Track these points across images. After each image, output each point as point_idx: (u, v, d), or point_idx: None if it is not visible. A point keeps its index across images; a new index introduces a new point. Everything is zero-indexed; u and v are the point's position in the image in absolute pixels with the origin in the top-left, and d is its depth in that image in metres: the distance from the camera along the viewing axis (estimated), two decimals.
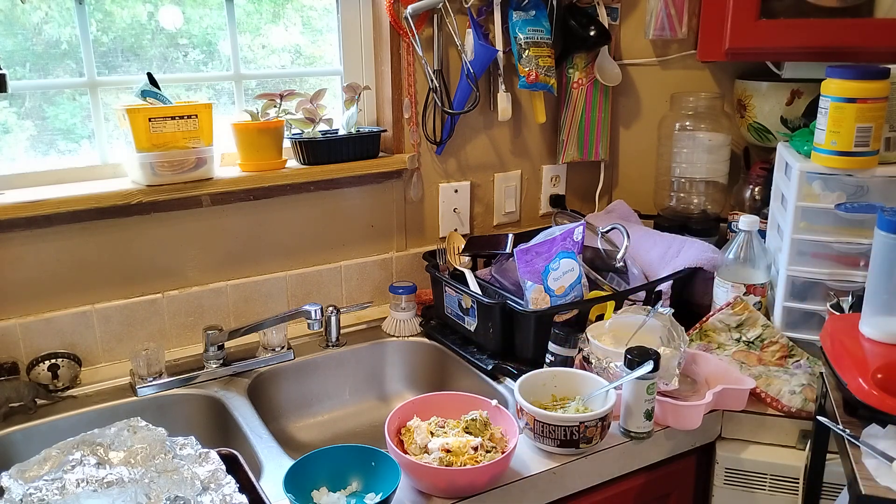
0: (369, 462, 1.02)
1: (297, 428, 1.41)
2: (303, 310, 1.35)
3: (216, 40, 1.44)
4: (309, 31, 1.54)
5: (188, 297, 1.42)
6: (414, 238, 1.66)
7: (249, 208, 1.45)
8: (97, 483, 0.85)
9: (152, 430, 0.94)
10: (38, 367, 1.26)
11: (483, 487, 1.00)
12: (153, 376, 1.29)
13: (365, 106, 1.58)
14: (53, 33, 1.29)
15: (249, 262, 1.48)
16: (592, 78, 1.73)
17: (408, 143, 1.58)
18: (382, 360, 1.51)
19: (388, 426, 1.06)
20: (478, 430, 1.06)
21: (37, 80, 1.29)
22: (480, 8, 1.57)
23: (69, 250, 1.30)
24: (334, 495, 0.99)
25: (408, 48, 1.52)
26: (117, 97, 1.37)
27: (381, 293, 1.61)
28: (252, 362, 1.38)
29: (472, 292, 1.40)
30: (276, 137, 1.42)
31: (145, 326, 1.39)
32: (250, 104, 1.47)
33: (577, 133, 1.75)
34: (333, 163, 1.47)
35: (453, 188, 1.66)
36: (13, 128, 1.31)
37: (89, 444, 0.91)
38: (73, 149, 1.36)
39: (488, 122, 1.67)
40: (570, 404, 1.13)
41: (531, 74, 1.57)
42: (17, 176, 1.30)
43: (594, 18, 1.66)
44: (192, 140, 1.30)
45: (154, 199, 1.31)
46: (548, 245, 1.35)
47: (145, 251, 1.37)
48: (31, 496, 0.82)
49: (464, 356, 1.40)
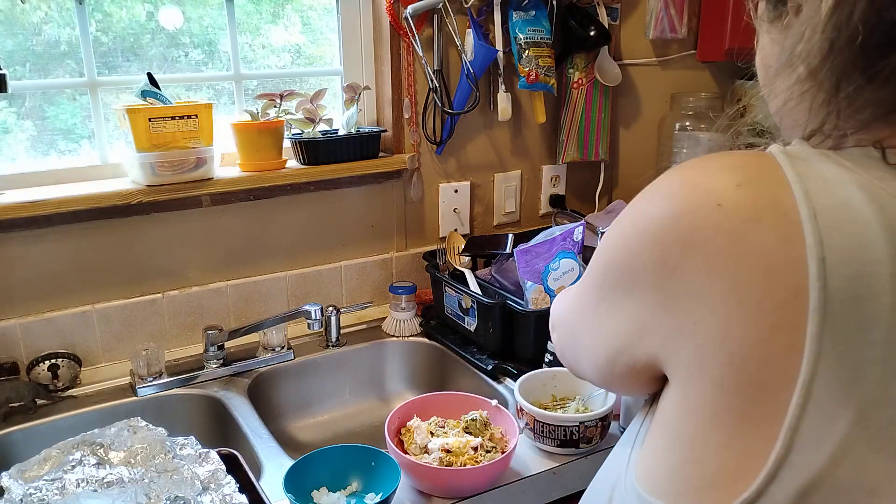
0: (369, 462, 1.02)
1: (297, 428, 1.41)
2: (303, 310, 1.35)
3: (216, 40, 1.44)
4: (309, 31, 1.54)
5: (188, 297, 1.42)
6: (414, 238, 1.66)
7: (249, 208, 1.45)
8: (97, 483, 0.85)
9: (152, 430, 0.94)
10: (38, 367, 1.26)
11: (483, 487, 1.00)
12: (153, 376, 1.29)
13: (365, 106, 1.58)
14: (53, 33, 1.29)
15: (249, 262, 1.48)
16: (592, 78, 1.73)
17: (408, 143, 1.58)
18: (382, 360, 1.51)
19: (388, 426, 1.06)
20: (478, 430, 1.06)
21: (37, 80, 1.29)
22: (480, 8, 1.57)
23: (69, 250, 1.30)
24: (334, 495, 0.99)
25: (408, 48, 1.52)
26: (117, 97, 1.37)
27: (381, 293, 1.61)
28: (252, 362, 1.38)
29: (472, 292, 1.40)
30: (276, 137, 1.42)
31: (145, 326, 1.39)
32: (250, 104, 1.47)
33: (577, 133, 1.75)
34: (333, 163, 1.47)
35: (453, 188, 1.66)
36: (13, 128, 1.31)
37: (89, 444, 0.91)
38: (73, 149, 1.36)
39: (488, 122, 1.67)
40: (570, 404, 1.13)
41: (531, 74, 1.57)
42: (17, 176, 1.30)
43: (594, 18, 1.66)
44: (193, 140, 1.30)
45: (154, 199, 1.31)
46: (548, 245, 1.35)
47: (145, 251, 1.37)
48: (31, 496, 0.82)
49: (464, 356, 1.40)
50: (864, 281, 0.42)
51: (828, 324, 0.42)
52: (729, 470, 0.45)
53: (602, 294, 0.55)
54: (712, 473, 0.46)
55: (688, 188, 0.48)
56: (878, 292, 0.42)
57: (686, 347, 0.47)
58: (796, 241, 0.43)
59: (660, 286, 0.48)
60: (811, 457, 0.43)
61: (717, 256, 0.45)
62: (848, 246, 0.43)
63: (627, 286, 0.51)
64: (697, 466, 0.47)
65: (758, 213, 0.44)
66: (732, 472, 0.45)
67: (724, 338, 0.45)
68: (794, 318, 0.43)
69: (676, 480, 0.49)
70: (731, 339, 0.45)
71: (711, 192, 0.46)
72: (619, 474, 0.56)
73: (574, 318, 0.60)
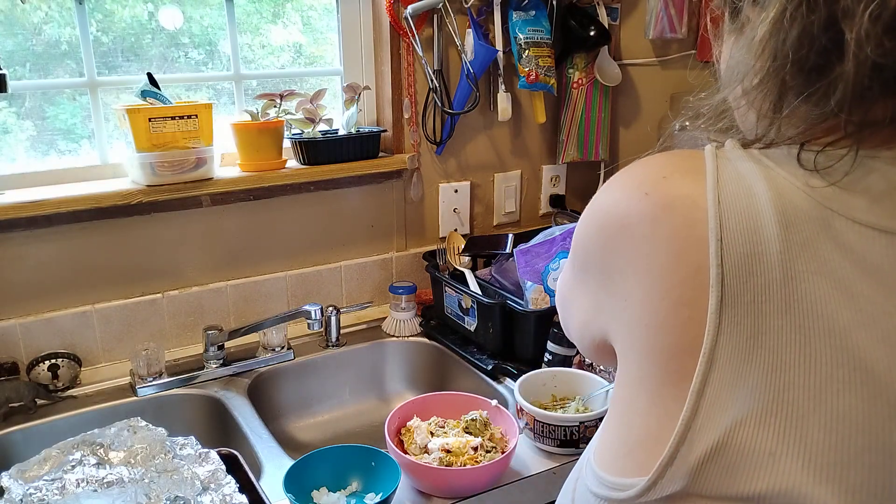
0: (369, 462, 1.02)
1: (297, 428, 1.41)
2: (303, 310, 1.35)
3: (216, 40, 1.44)
4: (309, 30, 1.54)
5: (188, 297, 1.42)
6: (414, 238, 1.66)
7: (249, 208, 1.45)
8: (97, 483, 0.85)
9: (152, 430, 0.94)
10: (38, 367, 1.26)
11: (483, 487, 1.00)
12: (153, 376, 1.29)
13: (365, 106, 1.58)
14: (53, 33, 1.29)
15: (249, 262, 1.48)
16: (592, 78, 1.73)
17: (408, 143, 1.58)
18: (382, 361, 1.51)
19: (388, 426, 1.06)
20: (478, 430, 1.06)
21: (37, 80, 1.29)
22: (480, 8, 1.57)
23: (69, 250, 1.30)
24: (334, 495, 0.99)
25: (408, 48, 1.52)
26: (117, 97, 1.37)
27: (381, 293, 1.61)
28: (252, 362, 1.38)
29: (472, 292, 1.40)
30: (276, 137, 1.42)
31: (145, 326, 1.39)
32: (250, 104, 1.47)
33: (577, 133, 1.75)
34: (333, 163, 1.47)
35: (453, 188, 1.66)
36: (13, 128, 1.31)
37: (89, 444, 0.91)
38: (73, 149, 1.36)
39: (488, 122, 1.67)
40: (570, 404, 1.13)
41: (531, 74, 1.57)
42: (17, 176, 1.30)
43: (594, 18, 1.66)
44: (192, 140, 1.30)
45: (154, 199, 1.31)
46: (548, 245, 1.35)
47: (145, 251, 1.37)
48: (31, 496, 0.82)
49: (464, 356, 1.40)
50: (756, 258, 0.47)
51: (725, 296, 0.47)
52: (652, 432, 0.50)
53: (574, 274, 0.61)
54: (639, 436, 0.51)
55: (628, 180, 0.54)
56: (769, 268, 0.47)
57: (621, 323, 0.53)
58: (701, 224, 0.48)
59: (602, 268, 0.54)
60: (715, 420, 0.47)
61: (640, 240, 0.51)
62: (743, 228, 0.47)
63: (584, 268, 0.58)
64: (627, 430, 0.52)
65: (673, 201, 0.50)
66: (655, 434, 0.49)
67: (643, 311, 0.50)
68: (696, 292, 0.48)
69: (614, 446, 0.53)
70: (649, 312, 0.50)
71: (643, 184, 0.52)
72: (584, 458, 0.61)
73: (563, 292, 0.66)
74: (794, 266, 0.47)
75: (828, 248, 0.47)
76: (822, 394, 0.46)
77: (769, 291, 0.46)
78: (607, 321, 0.55)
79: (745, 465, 0.46)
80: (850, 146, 0.48)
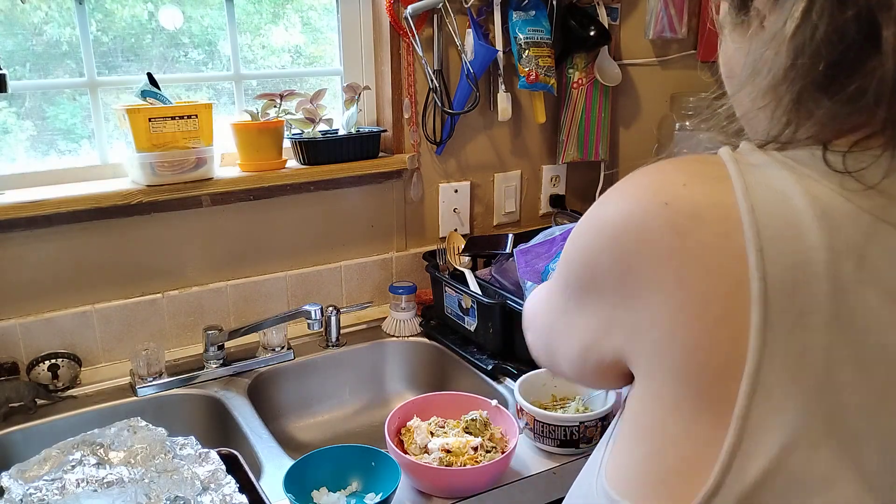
0: (369, 462, 1.02)
1: (297, 428, 1.41)
2: (303, 310, 1.35)
3: (216, 40, 1.44)
4: (309, 30, 1.54)
5: (188, 297, 1.42)
6: (414, 238, 1.66)
7: (249, 208, 1.45)
8: (97, 483, 0.85)
9: (152, 430, 0.94)
10: (38, 367, 1.26)
11: (483, 487, 1.00)
12: (153, 376, 1.29)
13: (365, 106, 1.58)
14: (53, 33, 1.29)
15: (249, 262, 1.48)
16: (592, 78, 1.73)
17: (408, 143, 1.58)
18: (382, 360, 1.51)
19: (388, 426, 1.06)
20: (478, 430, 1.06)
21: (37, 80, 1.29)
22: (480, 8, 1.57)
23: (69, 250, 1.30)
24: (334, 495, 0.99)
25: (408, 48, 1.52)
26: (117, 97, 1.37)
27: (381, 293, 1.61)
28: (252, 362, 1.38)
29: (472, 292, 1.40)
30: (276, 137, 1.42)
31: (145, 326, 1.39)
32: (250, 104, 1.47)
33: (577, 133, 1.75)
34: (333, 163, 1.47)
35: (453, 188, 1.66)
36: (13, 128, 1.31)
37: (89, 444, 0.91)
38: (73, 149, 1.36)
39: (488, 122, 1.67)
40: (570, 404, 1.13)
41: (531, 74, 1.57)
42: (17, 176, 1.30)
43: (594, 18, 1.66)
44: (192, 140, 1.30)
45: (154, 199, 1.31)
46: (548, 245, 1.35)
47: (145, 251, 1.37)
48: (31, 496, 0.82)
49: (464, 356, 1.40)
50: (801, 268, 0.43)
51: (769, 312, 0.43)
52: (688, 460, 0.46)
53: (569, 294, 0.56)
54: (673, 464, 0.47)
55: (640, 190, 0.50)
56: (816, 279, 0.43)
57: (645, 342, 0.49)
58: (736, 234, 0.44)
59: (619, 284, 0.50)
60: (763, 445, 0.43)
61: (664, 253, 0.47)
62: (784, 236, 0.44)
63: (591, 286, 0.53)
64: (658, 458, 0.48)
65: (700, 210, 0.46)
66: (692, 462, 0.46)
67: (675, 330, 0.46)
68: (737, 308, 0.44)
69: (640, 474, 0.50)
70: (682, 331, 0.46)
71: (659, 192, 0.48)
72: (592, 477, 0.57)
73: (547, 318, 0.61)
74: (842, 276, 0.43)
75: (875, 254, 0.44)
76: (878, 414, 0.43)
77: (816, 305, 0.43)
78: (624, 341, 0.51)
79: (797, 492, 0.43)
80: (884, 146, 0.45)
